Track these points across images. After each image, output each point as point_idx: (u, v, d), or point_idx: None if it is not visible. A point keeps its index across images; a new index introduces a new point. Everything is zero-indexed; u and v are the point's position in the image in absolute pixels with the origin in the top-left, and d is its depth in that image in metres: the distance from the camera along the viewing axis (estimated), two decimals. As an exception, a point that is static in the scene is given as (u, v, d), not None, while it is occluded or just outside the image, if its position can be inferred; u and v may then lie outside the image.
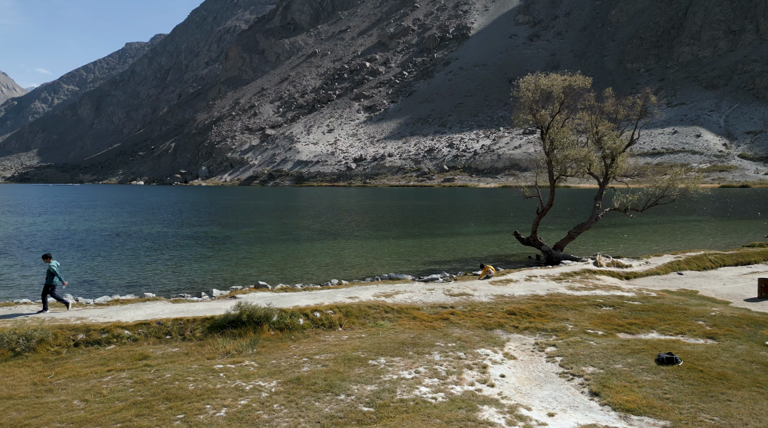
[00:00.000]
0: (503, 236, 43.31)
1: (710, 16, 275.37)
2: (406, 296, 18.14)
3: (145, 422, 9.59)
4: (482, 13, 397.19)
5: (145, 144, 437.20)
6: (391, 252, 34.11)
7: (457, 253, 33.90)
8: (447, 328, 15.36)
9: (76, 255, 33.52)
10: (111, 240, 41.74)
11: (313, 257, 32.53)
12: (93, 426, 9.47)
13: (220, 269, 28.26)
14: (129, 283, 24.13)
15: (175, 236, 45.11)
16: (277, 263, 30.25)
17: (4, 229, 51.80)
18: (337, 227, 52.78)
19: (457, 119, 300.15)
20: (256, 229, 50.71)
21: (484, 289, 19.08)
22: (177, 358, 13.00)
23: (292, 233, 47.02)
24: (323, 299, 17.50)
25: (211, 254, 34.16)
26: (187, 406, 10.19)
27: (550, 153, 27.39)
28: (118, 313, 15.63)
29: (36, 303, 17.73)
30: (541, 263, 27.51)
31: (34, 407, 10.24)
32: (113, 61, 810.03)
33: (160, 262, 30.82)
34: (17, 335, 12.93)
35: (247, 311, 14.88)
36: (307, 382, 11.32)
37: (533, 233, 28.65)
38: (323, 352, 13.35)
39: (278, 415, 9.88)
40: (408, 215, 68.48)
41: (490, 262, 28.46)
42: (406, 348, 13.63)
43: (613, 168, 27.30)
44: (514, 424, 9.39)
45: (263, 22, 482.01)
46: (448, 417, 9.58)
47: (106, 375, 11.87)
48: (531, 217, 62.61)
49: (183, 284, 23.96)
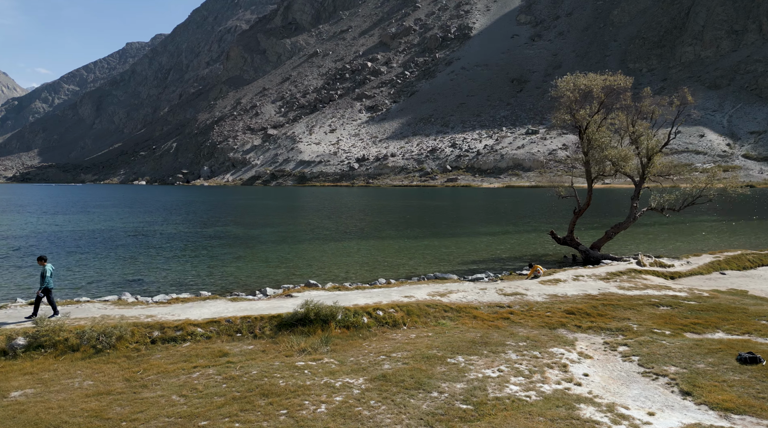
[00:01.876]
0: (530, 236, 43.45)
1: (713, 16, 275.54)
2: (460, 295, 18.21)
3: (252, 417, 9.72)
4: (484, 13, 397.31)
5: (147, 144, 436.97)
6: (423, 252, 34.12)
7: (489, 252, 33.97)
8: (510, 327, 15.44)
9: (114, 255, 33.63)
10: (141, 240, 41.81)
11: (348, 256, 32.64)
12: (202, 420, 9.59)
13: (261, 268, 28.41)
14: (175, 282, 24.31)
15: (202, 235, 45.19)
16: (313, 262, 30.40)
17: (29, 228, 51.94)
18: (359, 226, 52.87)
19: (460, 118, 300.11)
20: (278, 229, 50.75)
21: (536, 289, 19.16)
22: (256, 355, 13.10)
23: (315, 232, 47.09)
24: (380, 298, 17.58)
25: (244, 253, 34.25)
26: (285, 402, 10.32)
27: (588, 153, 27.46)
28: (184, 311, 15.73)
29: (97, 301, 17.76)
30: (578, 262, 27.59)
31: (135, 402, 10.37)
32: (114, 61, 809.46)
33: (198, 261, 30.96)
34: (97, 332, 13.00)
35: (314, 309, 14.97)
36: (394, 379, 11.41)
37: (570, 233, 28.74)
38: (398, 350, 13.43)
39: (378, 411, 9.97)
40: (424, 215, 68.44)
41: (525, 261, 28.54)
42: (478, 346, 13.71)
43: (650, 168, 27.38)
44: (619, 423, 9.46)
45: (264, 22, 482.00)
46: (551, 415, 9.66)
47: (192, 372, 11.97)
48: (548, 217, 63.37)
49: (230, 282, 24.08)
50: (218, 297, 18.05)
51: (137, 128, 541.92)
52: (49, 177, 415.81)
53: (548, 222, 56.15)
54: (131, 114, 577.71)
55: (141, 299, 17.89)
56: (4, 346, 12.67)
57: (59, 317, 14.82)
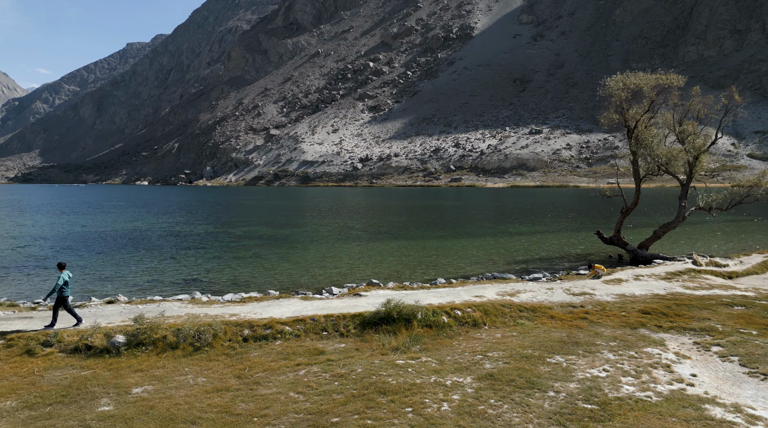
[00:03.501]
0: (566, 235, 43.33)
1: (715, 15, 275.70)
2: (529, 295, 18.14)
3: (379, 414, 9.67)
4: (485, 13, 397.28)
5: (148, 144, 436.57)
6: (464, 252, 33.86)
7: (531, 252, 33.76)
8: (591, 327, 15.36)
9: (158, 255, 33.55)
10: (176, 240, 41.65)
11: (389, 256, 32.50)
12: (332, 417, 9.55)
13: (310, 267, 28.38)
14: (232, 281, 24.26)
15: (234, 236, 45.01)
16: (358, 261, 30.38)
17: (58, 229, 51.86)
18: (386, 227, 52.77)
19: (462, 118, 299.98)
20: (306, 229, 50.63)
21: (602, 288, 19.09)
22: (351, 353, 13.05)
23: (345, 232, 47.02)
24: (451, 297, 17.51)
25: (285, 253, 34.12)
26: (405, 400, 10.28)
27: (636, 152, 27.40)
28: (264, 309, 15.69)
29: (172, 300, 17.62)
30: (624, 262, 27.53)
31: (256, 399, 10.36)
32: (114, 61, 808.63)
33: (244, 261, 30.84)
34: (193, 330, 12.96)
35: (396, 308, 14.90)
36: (503, 379, 11.33)
37: (617, 233, 28.68)
38: (491, 350, 13.34)
39: (502, 410, 9.90)
40: (444, 215, 68.10)
41: (572, 261, 28.49)
42: (570, 346, 13.63)
43: (697, 167, 27.33)
44: (754, 424, 9.38)
45: (265, 22, 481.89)
46: (683, 416, 9.57)
47: (297, 369, 11.94)
48: (577, 216, 63.15)
49: (287, 282, 24.04)
50: (289, 296, 17.97)
51: (138, 128, 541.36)
52: (51, 177, 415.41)
53: (579, 222, 56.12)
54: (132, 114, 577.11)
55: (212, 298, 17.79)
56: (106, 344, 12.62)
57: (81, 325, 14.29)
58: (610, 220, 57.97)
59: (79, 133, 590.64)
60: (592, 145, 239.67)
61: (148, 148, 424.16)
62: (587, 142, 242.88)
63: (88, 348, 12.52)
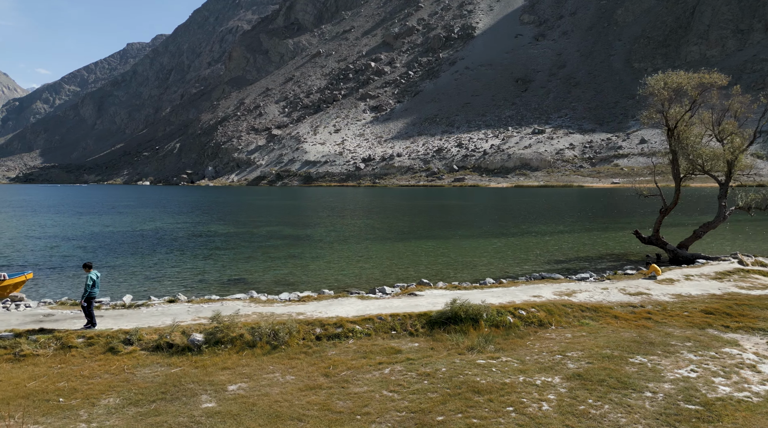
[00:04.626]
0: (596, 235, 43.08)
1: (718, 15, 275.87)
2: (586, 295, 18.00)
3: (482, 412, 9.54)
4: (487, 12, 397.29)
5: (149, 144, 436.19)
6: (498, 252, 33.49)
7: (567, 252, 33.43)
8: (659, 328, 15.21)
9: (190, 255, 33.30)
10: (204, 241, 41.29)
11: (425, 255, 32.25)
12: (436, 415, 9.42)
13: (349, 267, 28.22)
14: (277, 281, 24.18)
15: (260, 236, 44.66)
16: (397, 261, 30.18)
17: (81, 229, 51.69)
18: (408, 227, 52.49)
19: (465, 118, 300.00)
20: (329, 228, 50.30)
21: (657, 288, 18.97)
22: (427, 353, 12.91)
23: (371, 232, 46.73)
24: (508, 297, 17.37)
25: (319, 253, 33.83)
26: (502, 398, 10.15)
27: (677, 151, 27.29)
28: (327, 308, 15.58)
29: (231, 299, 17.46)
30: (662, 262, 27.41)
31: (351, 397, 10.27)
32: (114, 61, 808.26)
33: (280, 261, 30.63)
34: (269, 329, 12.87)
35: (464, 308, 14.76)
36: (593, 378, 11.18)
37: (656, 232, 28.54)
38: (569, 350, 13.19)
39: (603, 410, 9.75)
40: (463, 215, 67.64)
41: (610, 261, 28.38)
42: (646, 346, 13.47)
43: (736, 167, 27.24)
44: None
45: (266, 22, 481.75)
46: (794, 416, 9.47)
47: (380, 368, 11.80)
48: (603, 216, 63.10)
49: (333, 281, 23.96)
50: (346, 295, 17.80)
51: (139, 128, 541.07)
52: (52, 178, 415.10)
53: (601, 222, 55.89)
54: (133, 114, 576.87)
55: (270, 297, 17.65)
56: (186, 342, 12.50)
57: (94, 328, 14.02)
58: (632, 219, 58.13)
59: (80, 133, 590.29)
60: (595, 145, 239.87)
61: (149, 148, 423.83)
62: (590, 142, 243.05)
63: (169, 346, 12.41)
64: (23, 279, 20.01)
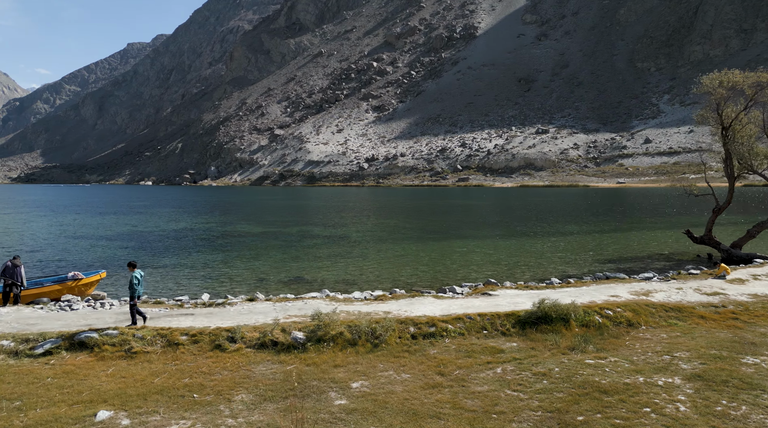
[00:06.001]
0: (636, 234, 42.71)
1: (721, 14, 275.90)
2: (663, 295, 17.86)
3: (620, 413, 9.40)
4: (489, 12, 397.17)
5: (151, 144, 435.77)
6: (545, 252, 33.18)
7: (612, 252, 33.06)
8: (750, 328, 15.03)
9: (237, 255, 32.93)
10: (238, 241, 40.88)
11: (473, 254, 31.96)
12: (574, 415, 9.25)
13: (399, 267, 27.95)
14: (337, 279, 24.09)
15: (296, 236, 44.20)
16: (447, 260, 29.94)
17: (107, 229, 51.46)
18: (438, 226, 52.07)
19: (468, 118, 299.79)
20: (360, 228, 49.94)
21: (731, 288, 18.86)
22: (530, 352, 12.72)
23: (403, 232, 46.34)
24: (587, 297, 17.21)
25: (360, 253, 33.55)
26: (633, 399, 9.97)
27: (731, 150, 27.17)
28: (409, 308, 15.41)
29: (308, 298, 17.26)
30: (714, 262, 27.27)
31: (476, 396, 10.13)
32: (115, 61, 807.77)
33: (329, 260, 30.46)
34: (369, 327, 12.73)
35: (554, 308, 14.61)
36: (715, 379, 10.99)
37: (708, 232, 28.43)
38: (674, 350, 12.99)
39: (742, 411, 9.51)
40: (488, 215, 66.99)
41: (663, 261, 28.23)
42: (749, 346, 13.25)
43: (786, 167, 27.15)
44: None
45: (268, 22, 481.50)
46: None
47: (490, 368, 11.61)
48: (641, 216, 62.63)
49: (391, 280, 23.77)
50: (420, 295, 17.63)
51: (140, 128, 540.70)
52: (54, 178, 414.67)
53: (632, 222, 55.29)
54: (134, 114, 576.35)
55: (346, 297, 17.50)
56: (289, 340, 12.36)
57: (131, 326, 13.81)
58: (664, 217, 57.95)
59: (81, 133, 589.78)
60: (599, 144, 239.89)
61: (150, 148, 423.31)
62: (594, 141, 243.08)
63: (274, 343, 12.24)
64: (98, 278, 20.12)
